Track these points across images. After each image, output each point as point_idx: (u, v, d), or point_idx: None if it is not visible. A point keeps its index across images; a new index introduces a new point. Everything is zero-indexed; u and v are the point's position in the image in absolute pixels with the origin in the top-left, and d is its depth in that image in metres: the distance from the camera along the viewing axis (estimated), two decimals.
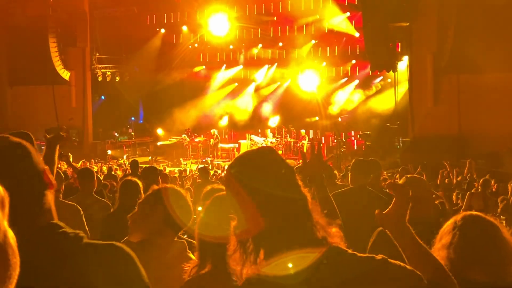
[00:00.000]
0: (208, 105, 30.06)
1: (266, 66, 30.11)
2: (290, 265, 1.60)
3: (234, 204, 1.67)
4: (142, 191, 5.22)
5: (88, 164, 18.80)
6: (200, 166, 18.56)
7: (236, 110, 30.14)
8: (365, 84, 27.35)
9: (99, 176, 8.72)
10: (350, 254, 1.70)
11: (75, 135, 26.73)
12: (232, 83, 31.01)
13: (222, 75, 31.10)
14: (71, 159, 9.11)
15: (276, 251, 1.62)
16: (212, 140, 27.22)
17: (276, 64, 29.63)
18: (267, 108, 29.37)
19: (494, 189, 9.79)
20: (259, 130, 29.51)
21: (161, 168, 17.36)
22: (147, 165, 10.26)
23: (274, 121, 27.18)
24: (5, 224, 1.15)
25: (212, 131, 27.37)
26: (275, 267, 1.60)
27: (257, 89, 30.60)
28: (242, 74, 31.06)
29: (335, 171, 7.57)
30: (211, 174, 15.23)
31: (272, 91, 30.06)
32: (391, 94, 23.74)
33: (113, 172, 15.37)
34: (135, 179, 5.36)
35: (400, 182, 3.63)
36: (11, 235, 1.16)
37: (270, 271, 1.61)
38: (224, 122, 30.51)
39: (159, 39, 29.75)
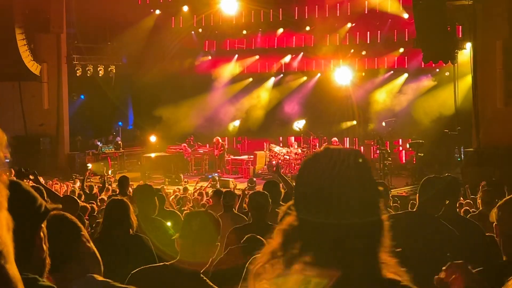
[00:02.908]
0: (215, 106, 30.12)
1: (289, 57, 30.13)
2: None
3: None
4: (131, 214, 5.32)
5: (74, 183, 18.93)
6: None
7: (250, 112, 30.16)
8: (416, 79, 27.22)
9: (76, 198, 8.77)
10: None
11: (47, 145, 26.94)
12: (246, 78, 31.08)
13: (233, 67, 31.19)
14: (41, 180, 9.22)
15: None
16: (216, 151, 27.22)
17: (301, 54, 29.66)
18: (290, 110, 29.34)
19: None
20: (280, 138, 29.48)
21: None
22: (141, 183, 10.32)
23: (299, 125, 27.12)
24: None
25: (215, 138, 27.38)
26: None
27: (277, 86, 30.61)
28: (258, 66, 31.12)
29: None
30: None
31: (297, 87, 30.04)
32: (449, 92, 23.58)
33: (94, 192, 15.48)
34: (125, 199, 5.49)
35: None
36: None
37: None
38: (235, 127, 30.53)
39: (153, 22, 29.93)
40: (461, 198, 13.21)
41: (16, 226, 1.77)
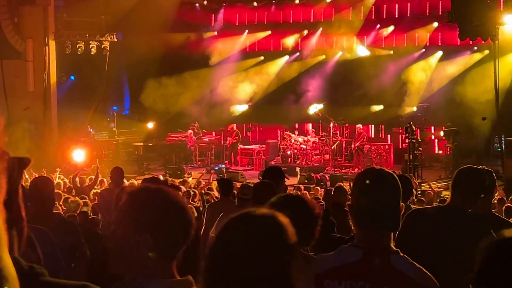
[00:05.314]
0: (221, 88, 30.08)
1: (306, 32, 30.07)
2: None
3: None
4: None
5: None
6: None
7: (262, 95, 30.15)
8: (451, 58, 27.13)
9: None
10: None
11: (33, 131, 27.01)
12: (257, 56, 31.04)
13: (242, 43, 31.16)
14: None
15: None
16: (229, 139, 27.27)
17: (321, 29, 29.57)
18: (307, 93, 29.27)
19: None
20: (296, 125, 29.43)
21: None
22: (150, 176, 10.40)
23: (316, 110, 27.04)
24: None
25: (231, 126, 27.42)
26: None
27: (292, 65, 30.56)
28: (271, 43, 31.08)
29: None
30: None
31: (315, 67, 29.97)
32: (489, 72, 23.51)
33: (86, 185, 15.59)
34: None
35: None
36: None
37: None
38: (244, 112, 30.50)
39: None
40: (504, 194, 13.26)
41: None
